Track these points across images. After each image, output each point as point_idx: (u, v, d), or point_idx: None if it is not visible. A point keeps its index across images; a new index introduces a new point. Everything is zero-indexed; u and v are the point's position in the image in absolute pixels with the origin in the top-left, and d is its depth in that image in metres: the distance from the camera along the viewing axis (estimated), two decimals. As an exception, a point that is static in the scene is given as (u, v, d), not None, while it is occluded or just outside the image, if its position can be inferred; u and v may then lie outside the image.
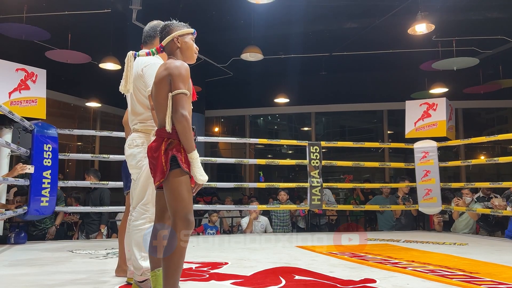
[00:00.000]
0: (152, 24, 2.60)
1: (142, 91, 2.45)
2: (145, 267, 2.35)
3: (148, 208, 2.40)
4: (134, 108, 2.53)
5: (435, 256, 3.88)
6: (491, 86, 8.67)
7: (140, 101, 2.48)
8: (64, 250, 4.14)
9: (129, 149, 2.49)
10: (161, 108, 1.99)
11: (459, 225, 6.01)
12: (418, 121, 6.50)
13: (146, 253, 2.32)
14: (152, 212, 2.38)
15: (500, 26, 6.85)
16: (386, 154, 11.04)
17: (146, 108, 2.47)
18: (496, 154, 11.57)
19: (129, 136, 2.54)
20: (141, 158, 2.42)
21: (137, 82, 2.45)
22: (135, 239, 2.38)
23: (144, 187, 2.41)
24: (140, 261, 2.36)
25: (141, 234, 2.37)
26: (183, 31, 2.14)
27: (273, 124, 14.31)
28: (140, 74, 2.43)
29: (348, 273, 2.98)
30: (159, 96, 2.00)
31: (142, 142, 2.45)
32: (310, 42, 7.49)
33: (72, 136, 10.05)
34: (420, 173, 6.30)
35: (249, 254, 3.90)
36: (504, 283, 2.68)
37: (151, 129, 2.46)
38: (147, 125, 2.49)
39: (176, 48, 2.11)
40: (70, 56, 6.71)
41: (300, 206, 6.40)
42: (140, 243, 2.36)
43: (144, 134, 2.48)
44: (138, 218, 2.40)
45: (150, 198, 2.40)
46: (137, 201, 2.42)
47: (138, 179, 2.44)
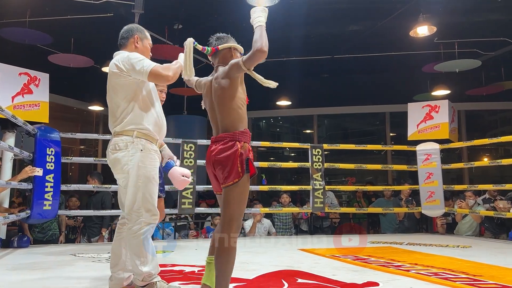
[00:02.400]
0: (128, 27, 2.64)
1: (119, 88, 2.42)
2: (145, 272, 2.33)
3: (141, 212, 2.36)
4: (112, 109, 2.48)
5: (438, 258, 3.87)
6: (494, 88, 8.64)
7: (116, 100, 2.45)
8: (66, 253, 4.15)
9: (112, 154, 2.43)
10: (230, 112, 2.17)
11: (462, 228, 5.98)
12: (420, 123, 6.49)
13: (145, 258, 2.32)
14: (146, 215, 2.36)
15: (502, 27, 6.83)
16: (389, 157, 11.01)
17: (125, 107, 2.41)
18: (500, 156, 11.53)
19: (111, 141, 2.49)
20: (127, 162, 2.38)
21: (114, 79, 2.43)
22: (132, 245, 2.35)
23: (134, 191, 2.37)
24: (140, 266, 2.33)
25: (139, 240, 2.33)
26: (239, 47, 2.41)
27: (275, 127, 14.30)
28: (120, 73, 2.40)
29: (351, 276, 2.97)
30: (226, 100, 2.17)
31: (125, 145, 2.40)
32: (312, 45, 7.48)
33: (75, 140, 10.07)
34: (423, 175, 6.28)
35: (252, 257, 3.90)
36: (508, 285, 2.67)
37: (133, 131, 2.40)
38: (126, 126, 2.42)
39: (230, 56, 2.33)
40: (72, 60, 6.73)
41: (303, 209, 6.38)
42: (138, 249, 2.33)
43: (126, 136, 2.41)
44: (133, 224, 2.36)
45: (141, 202, 2.36)
46: (130, 206, 2.38)
47: (127, 185, 2.40)
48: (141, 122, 2.42)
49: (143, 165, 2.38)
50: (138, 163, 2.37)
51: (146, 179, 2.38)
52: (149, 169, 2.40)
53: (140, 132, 2.42)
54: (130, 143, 2.39)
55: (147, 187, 2.38)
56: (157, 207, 2.63)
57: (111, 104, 2.50)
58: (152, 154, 2.45)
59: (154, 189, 2.43)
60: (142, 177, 2.37)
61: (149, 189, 2.39)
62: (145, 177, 2.38)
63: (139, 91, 2.44)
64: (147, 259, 2.34)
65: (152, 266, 2.36)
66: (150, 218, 2.39)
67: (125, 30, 2.64)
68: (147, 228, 2.36)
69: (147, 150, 2.41)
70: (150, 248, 2.38)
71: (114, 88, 2.45)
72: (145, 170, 2.38)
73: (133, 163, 2.37)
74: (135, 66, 2.37)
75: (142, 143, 2.41)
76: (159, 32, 6.42)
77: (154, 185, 2.43)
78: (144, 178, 2.37)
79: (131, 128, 2.42)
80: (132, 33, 2.60)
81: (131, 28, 2.63)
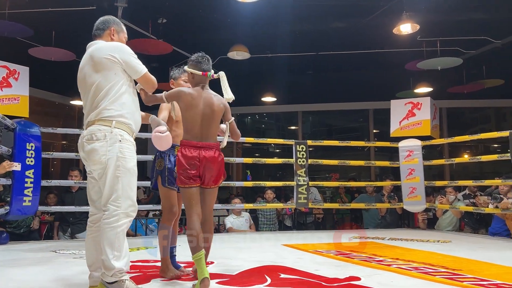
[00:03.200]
0: (104, 18, 2.61)
1: (101, 77, 2.37)
2: (117, 268, 2.23)
3: (119, 203, 2.29)
4: (88, 97, 2.42)
5: (419, 253, 3.93)
6: (475, 86, 8.79)
7: (95, 89, 2.39)
8: (47, 250, 4.09)
9: (88, 145, 2.35)
10: (216, 129, 2.80)
11: (443, 223, 6.09)
12: (403, 120, 6.57)
13: (119, 252, 2.24)
14: (125, 207, 2.30)
15: (483, 26, 6.95)
16: (372, 153, 11.13)
17: (104, 96, 2.37)
18: (480, 152, 11.75)
19: (86, 130, 2.40)
20: (105, 153, 2.31)
21: (98, 67, 2.38)
22: (108, 237, 2.25)
23: (113, 182, 2.30)
24: (112, 261, 2.22)
25: (115, 232, 2.25)
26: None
27: (260, 123, 14.31)
28: (113, 60, 2.38)
29: (333, 271, 3.00)
30: (217, 120, 2.77)
31: (103, 136, 2.33)
32: (297, 41, 7.49)
33: (56, 135, 9.90)
34: (404, 171, 6.37)
35: (235, 253, 3.90)
36: (486, 279, 2.73)
37: (111, 120, 2.35)
38: (105, 115, 2.35)
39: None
40: (54, 54, 6.60)
41: (287, 204, 6.41)
42: (113, 242, 2.24)
43: (104, 126, 2.35)
44: (111, 216, 2.27)
45: (120, 192, 2.29)
46: (107, 197, 2.30)
47: (104, 175, 2.32)
48: (120, 113, 2.37)
49: (122, 155, 2.33)
50: (117, 153, 2.31)
51: (126, 170, 2.33)
52: (128, 160, 2.35)
53: (119, 122, 2.37)
54: (109, 133, 2.33)
55: (127, 178, 2.33)
56: (174, 202, 2.79)
57: (86, 92, 2.43)
58: (130, 145, 2.40)
59: (134, 181, 2.38)
60: (122, 168, 2.31)
61: (129, 181, 2.34)
62: (125, 168, 2.33)
63: (122, 83, 2.41)
64: (121, 254, 2.25)
65: (124, 262, 2.27)
66: (128, 210, 2.32)
67: (101, 21, 2.59)
68: (125, 221, 2.29)
69: (125, 141, 2.37)
70: (125, 243, 2.30)
71: (92, 75, 2.39)
72: (125, 161, 2.33)
73: (112, 153, 2.31)
74: (130, 62, 2.42)
75: (120, 133, 2.36)
76: (142, 26, 6.34)
77: (133, 177, 2.38)
78: (124, 169, 2.32)
79: (109, 118, 2.35)
80: (108, 25, 2.56)
81: (107, 20, 2.59)
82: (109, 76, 2.38)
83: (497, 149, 10.96)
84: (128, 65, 2.42)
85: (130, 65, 2.43)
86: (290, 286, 2.55)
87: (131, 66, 2.43)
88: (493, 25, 6.89)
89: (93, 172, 2.40)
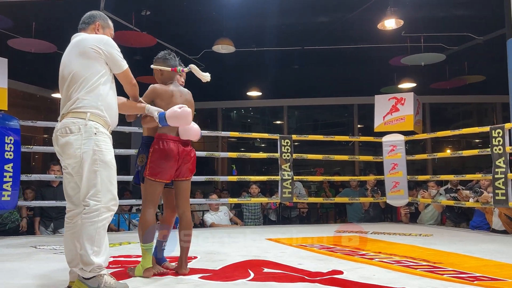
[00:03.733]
0: (91, 13, 2.57)
1: (81, 68, 2.31)
2: (96, 263, 2.16)
3: (100, 198, 2.22)
4: (66, 88, 2.34)
5: (401, 247, 3.98)
6: (457, 82, 8.92)
7: (72, 80, 2.32)
8: (27, 245, 4.01)
9: (62, 138, 2.28)
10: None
11: (425, 217, 6.18)
12: (386, 115, 6.62)
13: (99, 248, 2.18)
14: (105, 201, 2.24)
15: (466, 23, 7.03)
16: (356, 148, 11.22)
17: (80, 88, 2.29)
18: (462, 148, 11.94)
19: (60, 123, 2.32)
20: (80, 146, 2.23)
21: (81, 59, 2.32)
22: (88, 232, 2.18)
23: (91, 176, 2.23)
24: (91, 256, 2.16)
25: (95, 226, 2.18)
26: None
27: (246, 118, 14.28)
28: (97, 51, 2.32)
29: (316, 265, 3.01)
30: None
31: (78, 129, 2.25)
32: (283, 35, 7.48)
33: (37, 129, 9.73)
34: (388, 166, 6.43)
35: (219, 247, 3.89)
36: (466, 272, 2.78)
37: (86, 113, 2.27)
38: (80, 107, 2.28)
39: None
40: (34, 45, 6.47)
41: (271, 199, 6.42)
42: (93, 237, 2.18)
43: (78, 119, 2.27)
44: (91, 211, 2.20)
45: (100, 187, 2.23)
46: (86, 192, 2.23)
47: (81, 169, 2.24)
48: (95, 105, 2.30)
49: (99, 149, 2.26)
50: (93, 147, 2.25)
51: (104, 163, 2.27)
52: (105, 153, 2.29)
53: (94, 114, 2.30)
54: (83, 126, 2.26)
55: (105, 171, 2.27)
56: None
57: (63, 82, 2.36)
58: (106, 138, 2.33)
59: (113, 174, 2.32)
60: (99, 162, 2.25)
61: (108, 174, 2.28)
62: (102, 162, 2.26)
63: (101, 75, 2.35)
64: (100, 249, 2.19)
65: (104, 258, 2.21)
66: (109, 204, 2.26)
67: (87, 16, 2.55)
68: (106, 215, 2.24)
69: (100, 134, 2.30)
70: (106, 239, 2.25)
71: (71, 64, 2.33)
72: (102, 154, 2.27)
73: (87, 147, 2.24)
74: (114, 56, 2.37)
75: (95, 126, 2.29)
76: (125, 18, 6.25)
77: (112, 170, 2.31)
78: (101, 162, 2.26)
79: (83, 110, 2.28)
80: (94, 20, 2.52)
81: (93, 15, 2.55)
82: (89, 65, 2.32)
83: (479, 144, 11.16)
84: (111, 58, 2.37)
85: (113, 59, 2.38)
86: (273, 280, 2.55)
87: (114, 59, 2.38)
88: (475, 22, 6.98)
89: (68, 167, 2.32)
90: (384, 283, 2.47)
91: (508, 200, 4.80)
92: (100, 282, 2.16)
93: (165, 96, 2.73)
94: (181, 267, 2.73)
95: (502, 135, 5.00)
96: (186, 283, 2.52)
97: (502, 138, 4.99)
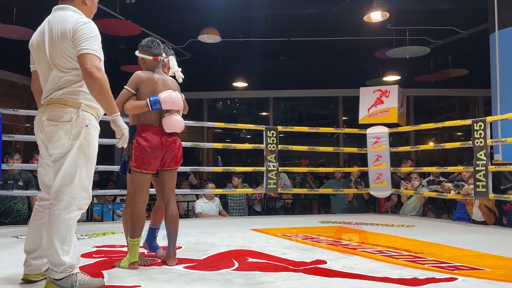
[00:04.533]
0: None
1: (68, 52, 2.14)
2: (68, 263, 2.04)
3: (74, 194, 2.10)
4: (54, 74, 2.16)
5: (383, 237, 4.04)
6: (441, 75, 9.04)
7: (63, 65, 2.15)
8: (8, 236, 3.95)
9: (50, 126, 2.14)
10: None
11: (407, 208, 6.27)
12: (371, 108, 6.67)
13: (69, 246, 2.06)
14: (79, 199, 2.13)
15: (451, 17, 7.12)
16: (341, 140, 11.30)
17: (73, 74, 2.15)
18: (444, 141, 12.14)
19: (48, 109, 2.16)
20: (69, 137, 2.12)
21: (63, 42, 2.13)
22: (58, 231, 2.05)
23: (72, 170, 2.12)
24: (62, 256, 2.03)
25: (66, 224, 2.06)
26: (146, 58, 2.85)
27: (232, 109, 14.24)
28: (71, 32, 2.12)
29: (300, 255, 3.04)
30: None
31: (69, 118, 2.13)
32: (269, 26, 7.46)
33: (19, 117, 9.54)
34: (372, 157, 6.50)
35: (204, 238, 3.90)
36: (446, 262, 2.84)
37: (80, 103, 2.15)
38: (72, 96, 2.15)
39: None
40: (15, 32, 6.33)
41: (256, 190, 6.44)
42: (64, 236, 2.06)
43: (71, 108, 2.14)
44: (63, 207, 2.08)
45: (77, 183, 2.11)
46: (61, 186, 2.10)
47: (62, 159, 2.12)
48: (90, 96, 2.18)
49: (86, 142, 2.16)
50: (81, 139, 2.15)
51: (87, 159, 2.16)
52: (91, 148, 2.20)
53: (88, 106, 2.20)
54: (75, 116, 2.14)
55: (86, 167, 2.17)
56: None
57: (45, 60, 2.18)
58: (96, 131, 2.25)
59: (92, 170, 2.23)
60: (82, 156, 2.15)
61: (88, 171, 2.19)
62: (86, 157, 2.17)
63: None
64: (70, 248, 2.07)
65: (75, 256, 2.10)
66: (82, 203, 2.16)
67: None
68: (77, 213, 2.14)
69: (92, 127, 2.20)
70: (74, 236, 2.13)
71: (65, 53, 2.15)
72: (87, 149, 2.16)
73: (76, 139, 2.14)
74: (82, 40, 2.11)
75: (88, 117, 2.18)
76: (110, 6, 6.14)
77: (92, 166, 2.23)
78: (84, 157, 2.15)
79: (78, 99, 2.17)
80: None
81: None
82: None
83: (461, 138, 11.35)
84: (76, 36, 2.12)
85: (79, 37, 2.11)
86: (257, 270, 2.57)
87: (79, 42, 2.11)
88: (460, 15, 7.06)
89: (52, 156, 2.18)
90: (366, 273, 2.51)
91: (488, 192, 4.90)
92: (74, 280, 2.06)
93: (149, 83, 2.75)
94: (169, 259, 2.71)
95: (483, 128, 5.09)
96: (171, 272, 2.52)
97: (483, 131, 5.08)
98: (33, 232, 2.25)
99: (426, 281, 2.32)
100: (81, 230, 4.25)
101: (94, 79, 2.08)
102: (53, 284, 2.06)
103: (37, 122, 2.23)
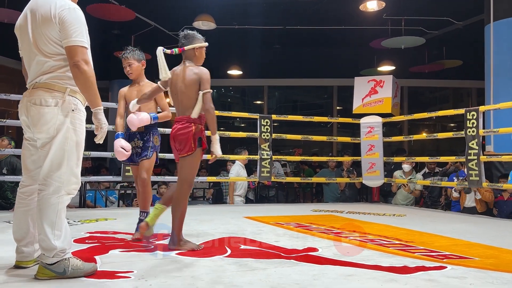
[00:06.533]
0: None
1: (53, 37, 2.11)
2: (59, 247, 2.04)
3: (63, 180, 2.09)
4: (38, 59, 2.14)
5: (375, 226, 4.07)
6: (435, 66, 9.06)
7: (47, 50, 2.13)
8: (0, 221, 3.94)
9: (35, 109, 2.11)
10: (190, 101, 2.80)
11: (399, 197, 6.33)
12: (365, 97, 6.68)
13: (60, 231, 2.06)
14: (68, 184, 2.11)
15: (446, 7, 7.11)
16: (335, 129, 11.33)
17: (58, 59, 2.12)
18: (437, 131, 12.21)
19: (34, 93, 2.13)
20: (55, 122, 2.09)
21: (47, 27, 2.09)
22: (48, 216, 2.05)
23: (60, 156, 2.09)
24: (53, 240, 2.03)
25: (56, 209, 2.06)
26: (202, 45, 2.95)
27: (226, 97, 14.20)
28: (56, 18, 2.08)
29: (292, 243, 3.07)
30: (189, 92, 2.80)
31: (55, 103, 2.11)
32: (265, 14, 7.41)
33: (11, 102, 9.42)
34: (365, 147, 6.52)
35: (197, 225, 3.90)
36: (436, 251, 2.87)
37: (66, 87, 2.13)
38: (59, 79, 2.13)
39: (194, 55, 2.91)
40: (7, 15, 6.23)
41: (250, 178, 6.46)
42: (54, 221, 2.05)
43: (57, 92, 2.12)
44: (52, 192, 2.07)
45: (65, 168, 2.10)
46: (50, 171, 2.08)
47: (49, 145, 2.10)
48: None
49: (73, 127, 2.14)
50: (67, 124, 2.12)
51: (74, 144, 2.14)
52: (79, 133, 2.17)
53: (74, 90, 2.17)
54: (61, 100, 2.12)
55: (74, 152, 2.15)
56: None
57: (40, 52, 2.14)
58: (82, 116, 2.22)
59: (80, 156, 2.21)
60: (70, 141, 2.12)
61: (77, 156, 2.17)
62: (74, 141, 2.14)
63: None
64: (61, 232, 2.07)
65: (66, 241, 2.10)
66: (71, 188, 2.14)
67: None
68: (66, 198, 2.13)
69: (78, 111, 2.18)
70: (65, 221, 2.12)
71: (50, 38, 2.13)
72: (75, 134, 2.14)
73: (62, 124, 2.11)
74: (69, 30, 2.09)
75: (74, 102, 2.15)
76: (104, -10, 6.06)
77: (81, 151, 2.20)
78: (72, 142, 2.13)
79: (64, 84, 2.14)
80: None
81: None
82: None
83: (453, 129, 11.42)
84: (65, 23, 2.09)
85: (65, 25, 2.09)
86: (249, 257, 2.59)
87: (66, 27, 2.09)
88: (455, 6, 7.05)
89: (38, 140, 2.14)
90: (357, 260, 2.54)
91: (481, 180, 4.95)
92: (66, 265, 2.06)
93: (171, 80, 2.93)
94: (173, 242, 2.78)
95: (476, 117, 5.11)
96: (163, 259, 2.54)
97: (476, 121, 5.11)
98: (18, 220, 2.23)
99: (416, 269, 2.35)
100: (74, 216, 4.25)
101: (82, 71, 2.10)
102: (46, 269, 2.05)
103: (22, 105, 2.19)
